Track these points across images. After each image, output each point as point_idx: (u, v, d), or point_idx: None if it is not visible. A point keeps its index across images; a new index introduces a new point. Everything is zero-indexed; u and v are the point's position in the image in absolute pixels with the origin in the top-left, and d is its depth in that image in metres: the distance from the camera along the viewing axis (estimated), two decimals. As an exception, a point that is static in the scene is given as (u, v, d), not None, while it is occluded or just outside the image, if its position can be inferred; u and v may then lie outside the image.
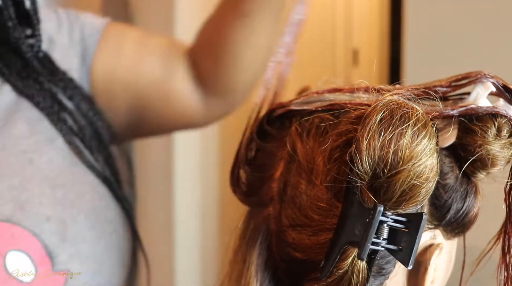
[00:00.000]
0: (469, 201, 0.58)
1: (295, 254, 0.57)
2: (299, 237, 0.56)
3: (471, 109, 0.54)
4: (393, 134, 0.47)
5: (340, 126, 0.53)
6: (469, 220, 0.60)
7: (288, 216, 0.57)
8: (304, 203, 0.56)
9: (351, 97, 0.57)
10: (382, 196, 0.48)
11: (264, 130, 0.63)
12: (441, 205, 0.57)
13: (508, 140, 0.55)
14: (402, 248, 0.49)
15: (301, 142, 0.58)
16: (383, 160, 0.47)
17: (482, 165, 0.56)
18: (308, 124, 0.58)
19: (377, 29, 3.37)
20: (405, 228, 0.49)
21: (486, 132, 0.54)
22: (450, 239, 0.60)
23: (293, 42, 0.72)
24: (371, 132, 0.47)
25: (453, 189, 0.57)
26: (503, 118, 0.54)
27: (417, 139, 0.47)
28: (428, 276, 0.57)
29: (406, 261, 0.49)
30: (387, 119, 0.48)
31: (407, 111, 0.48)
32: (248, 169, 0.64)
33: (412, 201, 0.48)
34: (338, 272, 0.50)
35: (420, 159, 0.47)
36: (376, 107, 0.48)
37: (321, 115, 0.57)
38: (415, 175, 0.47)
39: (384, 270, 0.55)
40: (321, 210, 0.54)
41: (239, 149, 0.64)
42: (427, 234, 0.57)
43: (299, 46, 0.80)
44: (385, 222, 0.48)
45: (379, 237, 0.48)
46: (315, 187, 0.55)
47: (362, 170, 0.48)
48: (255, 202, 0.62)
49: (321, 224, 0.54)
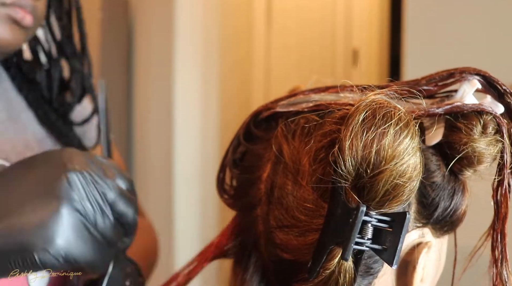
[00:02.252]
0: (457, 199, 0.58)
1: (283, 255, 0.57)
2: (287, 238, 0.56)
3: (456, 106, 0.54)
4: (375, 133, 0.47)
5: (324, 126, 0.53)
6: (457, 217, 0.59)
7: (275, 217, 0.57)
8: (291, 204, 0.56)
9: (337, 97, 0.57)
10: (365, 196, 0.48)
11: (251, 132, 0.63)
12: (429, 203, 0.57)
13: (493, 137, 0.54)
14: (386, 247, 0.49)
15: (287, 143, 0.57)
16: (365, 160, 0.47)
17: (469, 163, 0.56)
18: (293, 125, 0.58)
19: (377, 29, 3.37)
20: (389, 227, 0.49)
21: (471, 129, 0.54)
22: (439, 237, 0.60)
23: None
24: (353, 132, 0.47)
25: (440, 187, 0.57)
26: (488, 115, 0.54)
27: (399, 138, 0.47)
28: (416, 274, 0.57)
29: (391, 261, 0.48)
30: (370, 118, 0.47)
31: (389, 110, 0.47)
32: (236, 171, 0.64)
33: (396, 201, 0.48)
34: (325, 272, 0.50)
35: (403, 158, 0.47)
36: (358, 107, 0.48)
37: (307, 115, 0.57)
38: (398, 175, 0.47)
39: (372, 269, 0.55)
40: (308, 211, 0.54)
41: (227, 154, 0.65)
42: (415, 233, 0.57)
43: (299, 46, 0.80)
44: (369, 222, 0.48)
45: (363, 237, 0.48)
46: (301, 188, 0.55)
47: (345, 170, 0.48)
48: (243, 205, 0.62)
49: (308, 225, 0.54)
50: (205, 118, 2.49)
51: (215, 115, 2.57)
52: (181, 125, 2.38)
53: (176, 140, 2.36)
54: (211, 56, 2.53)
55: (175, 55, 2.35)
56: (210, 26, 2.50)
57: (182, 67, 2.37)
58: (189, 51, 2.41)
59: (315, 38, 3.23)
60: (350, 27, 3.30)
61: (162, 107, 2.39)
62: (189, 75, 2.41)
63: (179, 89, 2.36)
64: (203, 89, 2.48)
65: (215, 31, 2.55)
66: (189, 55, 2.41)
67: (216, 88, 2.57)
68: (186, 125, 2.40)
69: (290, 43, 3.13)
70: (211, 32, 2.52)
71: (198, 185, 2.46)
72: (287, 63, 3.11)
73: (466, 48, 1.63)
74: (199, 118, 2.47)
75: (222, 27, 2.60)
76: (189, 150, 2.42)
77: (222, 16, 2.60)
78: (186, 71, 2.40)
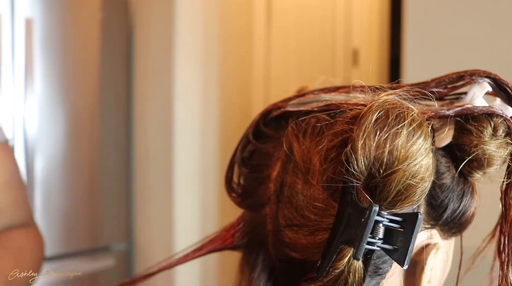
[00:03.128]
0: (466, 201, 0.58)
1: (292, 254, 0.57)
2: (296, 237, 0.56)
3: (466, 109, 0.54)
4: (388, 134, 0.47)
5: (336, 126, 0.53)
6: (466, 219, 0.60)
7: (284, 216, 0.57)
8: (301, 203, 0.56)
9: (347, 97, 0.57)
10: (377, 196, 0.48)
11: (260, 131, 0.63)
12: (438, 204, 0.57)
13: (504, 140, 0.54)
14: (397, 248, 0.49)
15: (297, 142, 0.58)
16: (378, 160, 0.47)
17: (479, 165, 0.56)
18: (304, 124, 0.58)
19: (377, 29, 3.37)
20: (400, 228, 0.49)
21: (482, 132, 0.54)
22: (447, 239, 0.60)
23: None
24: (366, 132, 0.47)
25: (449, 189, 0.57)
26: (499, 117, 0.54)
27: (412, 139, 0.47)
28: (424, 275, 0.57)
29: (402, 261, 0.49)
30: (383, 119, 0.47)
31: (403, 111, 0.47)
32: (245, 170, 0.64)
33: (407, 201, 0.48)
34: (334, 271, 0.50)
35: (415, 159, 0.47)
36: (371, 107, 0.48)
37: (318, 115, 0.57)
38: (411, 175, 0.47)
39: (381, 269, 0.55)
40: (318, 210, 0.54)
41: (235, 152, 0.64)
42: (424, 234, 0.57)
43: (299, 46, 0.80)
44: (380, 222, 0.48)
45: (374, 236, 0.48)
46: (311, 187, 0.55)
47: (358, 170, 0.48)
48: (252, 203, 0.62)
49: (317, 224, 0.54)
50: (205, 118, 2.49)
51: (215, 115, 2.57)
52: (181, 125, 2.37)
53: (176, 140, 2.36)
54: (211, 56, 2.52)
55: (175, 55, 2.35)
56: (210, 26, 2.50)
57: (182, 67, 2.37)
58: (189, 51, 2.40)
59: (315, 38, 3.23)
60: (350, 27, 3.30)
61: (162, 107, 2.39)
62: (189, 75, 2.41)
63: (179, 89, 2.36)
64: (203, 89, 2.48)
65: (215, 31, 2.55)
66: (189, 55, 2.41)
67: (216, 88, 2.57)
68: (186, 125, 2.40)
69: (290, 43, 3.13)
70: (211, 32, 2.52)
71: (198, 185, 2.45)
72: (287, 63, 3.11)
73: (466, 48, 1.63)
74: (199, 118, 2.47)
75: (222, 27, 2.60)
76: (189, 150, 2.42)
77: (222, 16, 2.60)
78: (186, 71, 2.40)
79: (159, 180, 2.40)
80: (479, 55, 1.60)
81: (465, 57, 1.61)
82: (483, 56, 1.59)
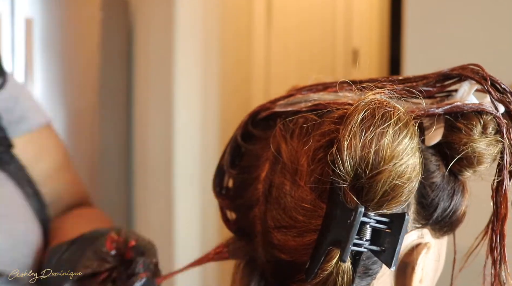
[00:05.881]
0: (456, 200, 0.58)
1: (281, 256, 0.56)
2: (284, 239, 0.56)
3: (456, 106, 0.54)
4: (374, 133, 0.46)
5: (323, 126, 0.53)
6: (457, 218, 0.59)
7: (273, 217, 0.57)
8: (289, 204, 0.55)
9: (336, 97, 0.57)
10: (364, 197, 0.47)
11: (248, 132, 0.63)
12: (428, 204, 0.57)
13: (494, 138, 0.54)
14: (385, 248, 0.48)
15: (285, 142, 0.57)
16: (364, 160, 0.47)
17: (469, 163, 0.55)
18: (292, 125, 0.57)
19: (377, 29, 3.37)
20: (388, 228, 0.48)
21: (471, 129, 0.54)
22: (438, 238, 0.60)
23: None
24: (352, 132, 0.47)
25: (440, 188, 0.57)
26: (488, 115, 0.54)
27: (398, 138, 0.47)
28: (415, 275, 0.57)
29: (389, 262, 0.48)
30: (369, 118, 0.47)
31: (389, 110, 0.47)
32: (234, 172, 0.63)
33: (394, 201, 0.47)
34: (323, 273, 0.49)
35: (402, 158, 0.46)
36: (357, 106, 0.47)
37: (305, 115, 0.57)
38: (397, 175, 0.46)
39: (371, 270, 0.55)
40: (306, 211, 0.54)
41: (223, 154, 0.64)
42: (414, 234, 0.57)
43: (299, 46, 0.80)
44: (367, 223, 0.48)
45: (361, 238, 0.48)
46: (299, 188, 0.55)
47: (344, 170, 0.47)
48: (241, 205, 0.62)
49: (305, 225, 0.54)
50: (205, 118, 2.49)
51: (215, 115, 2.56)
52: (181, 125, 2.37)
53: (176, 140, 2.36)
54: (211, 56, 2.52)
55: (175, 55, 2.35)
56: (210, 26, 2.50)
57: (182, 67, 2.37)
58: (189, 51, 2.40)
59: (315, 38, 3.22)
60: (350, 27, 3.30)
61: (162, 107, 2.39)
62: (189, 75, 2.41)
63: (179, 89, 2.36)
64: (203, 89, 2.48)
65: (215, 31, 2.55)
66: (189, 55, 2.40)
67: (216, 88, 2.57)
68: (186, 125, 2.40)
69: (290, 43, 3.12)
70: (211, 32, 2.52)
71: (198, 185, 2.45)
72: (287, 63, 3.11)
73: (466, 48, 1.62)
74: (199, 118, 2.47)
75: (222, 27, 2.60)
76: (189, 150, 2.42)
77: (222, 16, 2.59)
78: (186, 71, 2.39)
79: (159, 180, 2.40)
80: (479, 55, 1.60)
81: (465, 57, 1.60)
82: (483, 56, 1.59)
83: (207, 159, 2.50)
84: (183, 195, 2.38)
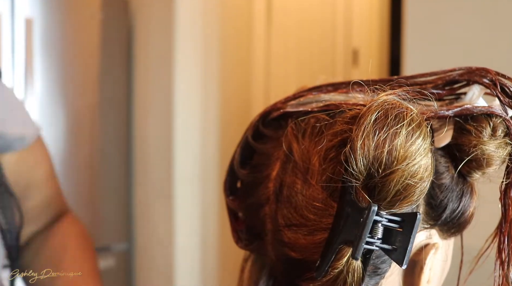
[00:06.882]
0: (465, 201, 0.59)
1: (291, 254, 0.57)
2: (295, 237, 0.56)
3: (466, 109, 0.54)
4: (387, 134, 0.47)
5: (335, 126, 0.53)
6: (465, 219, 0.60)
7: (284, 215, 0.57)
8: (300, 203, 0.56)
9: (346, 98, 0.58)
10: (376, 196, 0.48)
11: (259, 132, 0.63)
12: (437, 204, 0.57)
13: (503, 140, 0.55)
14: (396, 247, 0.49)
15: (297, 142, 0.58)
16: (377, 160, 0.47)
17: (478, 165, 0.56)
18: (304, 124, 0.58)
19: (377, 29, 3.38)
20: (399, 227, 0.49)
21: (481, 132, 0.54)
22: (446, 239, 0.60)
23: None
24: (365, 132, 0.47)
25: (448, 189, 0.57)
26: (498, 118, 0.54)
27: (411, 139, 0.47)
28: (423, 275, 0.57)
29: (400, 261, 0.49)
30: (382, 119, 0.47)
31: (402, 111, 0.48)
32: (244, 171, 0.64)
33: (406, 201, 0.48)
34: (333, 271, 0.50)
35: (414, 159, 0.47)
36: (370, 107, 0.48)
37: (317, 115, 0.57)
38: (409, 175, 0.47)
39: (380, 269, 0.55)
40: (317, 210, 0.54)
41: (234, 154, 0.65)
42: (423, 234, 0.57)
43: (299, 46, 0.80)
44: (379, 221, 0.48)
45: (373, 236, 0.48)
46: (310, 186, 0.55)
47: (357, 169, 0.48)
48: (251, 203, 0.62)
49: (316, 224, 0.54)
50: (205, 118, 2.49)
51: (215, 115, 2.57)
52: (181, 125, 2.38)
53: (176, 140, 2.36)
54: (211, 56, 2.53)
55: (175, 55, 2.35)
56: (210, 26, 2.50)
57: (182, 67, 2.37)
58: (189, 51, 2.41)
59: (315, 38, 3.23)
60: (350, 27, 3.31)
61: (162, 107, 2.39)
62: (189, 75, 2.41)
63: (179, 89, 2.36)
64: (203, 89, 2.48)
65: (215, 31, 2.55)
66: (189, 55, 2.41)
67: (216, 88, 2.57)
68: (186, 125, 2.40)
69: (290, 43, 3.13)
70: (211, 32, 2.52)
71: (198, 185, 2.46)
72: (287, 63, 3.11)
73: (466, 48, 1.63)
74: (199, 118, 2.47)
75: (222, 27, 2.60)
76: (189, 150, 2.42)
77: (222, 16, 2.60)
78: (186, 71, 2.40)
79: (159, 180, 2.40)
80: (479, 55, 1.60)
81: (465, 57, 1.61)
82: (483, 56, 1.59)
83: (207, 159, 2.50)
84: (183, 195, 2.38)
